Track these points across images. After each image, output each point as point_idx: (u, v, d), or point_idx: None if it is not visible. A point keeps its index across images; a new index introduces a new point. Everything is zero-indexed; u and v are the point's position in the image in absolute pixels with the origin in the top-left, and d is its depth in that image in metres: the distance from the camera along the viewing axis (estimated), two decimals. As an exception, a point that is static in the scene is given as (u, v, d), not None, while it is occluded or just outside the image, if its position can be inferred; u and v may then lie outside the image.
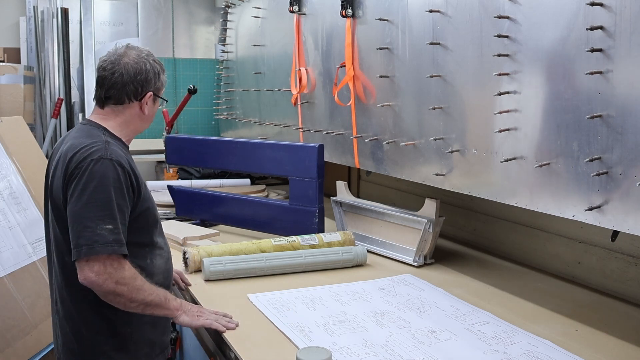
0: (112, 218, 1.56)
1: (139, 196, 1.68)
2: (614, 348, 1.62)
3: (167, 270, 1.81)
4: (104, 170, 1.58)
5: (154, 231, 1.76)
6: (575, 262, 2.13)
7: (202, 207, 2.91)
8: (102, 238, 1.54)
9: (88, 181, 1.57)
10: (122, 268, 1.57)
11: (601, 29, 1.41)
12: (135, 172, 1.69)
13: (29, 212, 2.66)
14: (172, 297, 1.70)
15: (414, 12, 2.10)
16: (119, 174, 1.60)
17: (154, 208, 1.78)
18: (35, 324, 2.51)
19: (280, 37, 3.23)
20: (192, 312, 1.72)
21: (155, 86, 1.78)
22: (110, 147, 1.64)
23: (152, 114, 1.83)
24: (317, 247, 2.32)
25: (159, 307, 1.65)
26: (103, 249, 1.53)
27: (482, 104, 1.83)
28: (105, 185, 1.57)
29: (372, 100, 2.39)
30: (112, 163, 1.60)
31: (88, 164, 1.58)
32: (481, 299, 1.96)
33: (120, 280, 1.56)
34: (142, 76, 1.74)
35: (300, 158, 2.54)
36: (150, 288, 1.63)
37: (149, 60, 1.77)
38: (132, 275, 1.59)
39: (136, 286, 1.59)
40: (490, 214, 2.51)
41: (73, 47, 4.73)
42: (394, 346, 1.59)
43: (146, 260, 1.71)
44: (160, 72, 1.81)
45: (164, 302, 1.65)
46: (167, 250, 1.83)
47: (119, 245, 1.56)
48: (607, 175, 1.43)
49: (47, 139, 4.53)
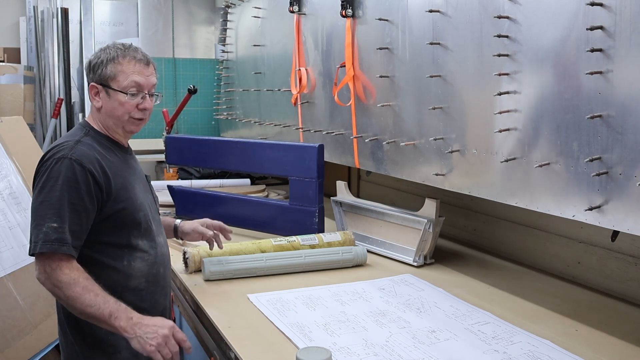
0: (59, 217, 1.56)
1: (109, 196, 1.65)
2: (614, 348, 1.61)
3: (153, 275, 1.75)
4: (61, 170, 1.59)
5: (132, 233, 1.71)
6: (575, 262, 2.13)
7: (202, 207, 2.91)
8: (45, 236, 1.54)
9: (46, 180, 1.59)
10: (60, 270, 1.54)
11: (601, 29, 1.41)
12: (107, 172, 1.65)
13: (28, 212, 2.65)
14: (125, 316, 1.53)
15: (414, 12, 2.10)
16: (77, 174, 1.59)
17: (134, 209, 1.71)
18: (35, 324, 2.51)
19: (280, 37, 3.23)
20: (144, 339, 1.50)
21: (99, 76, 1.69)
22: (77, 146, 1.64)
23: (111, 107, 1.71)
24: (317, 247, 2.32)
25: (102, 323, 1.55)
26: (44, 246, 1.53)
27: (482, 104, 1.83)
28: (59, 184, 1.58)
29: (372, 100, 2.39)
30: (71, 162, 1.60)
31: (50, 163, 1.61)
32: (481, 299, 1.96)
33: (56, 283, 1.54)
34: (88, 67, 1.73)
35: (300, 158, 2.54)
36: (91, 300, 1.52)
37: (104, 49, 1.71)
38: (69, 281, 1.53)
39: (73, 294, 1.53)
40: (490, 214, 2.51)
41: (73, 47, 4.74)
42: (394, 346, 1.59)
43: (123, 262, 1.68)
44: (106, 61, 1.69)
45: (108, 319, 1.52)
46: (154, 254, 1.76)
47: (59, 244, 1.54)
48: (607, 175, 1.43)
49: (47, 139, 4.53)
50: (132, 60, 1.71)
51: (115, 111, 1.71)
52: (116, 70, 1.69)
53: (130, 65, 1.70)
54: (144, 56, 1.75)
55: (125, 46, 1.73)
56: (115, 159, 1.74)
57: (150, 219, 1.78)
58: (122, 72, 1.69)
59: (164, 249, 1.85)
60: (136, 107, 1.72)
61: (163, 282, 1.81)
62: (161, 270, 1.80)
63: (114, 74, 1.69)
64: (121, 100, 1.70)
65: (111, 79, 1.69)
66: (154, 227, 1.80)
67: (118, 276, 1.67)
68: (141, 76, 1.72)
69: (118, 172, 1.70)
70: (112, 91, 1.70)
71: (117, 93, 1.69)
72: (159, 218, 1.90)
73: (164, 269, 1.82)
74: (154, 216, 1.83)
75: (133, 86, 1.70)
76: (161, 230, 1.87)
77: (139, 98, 1.72)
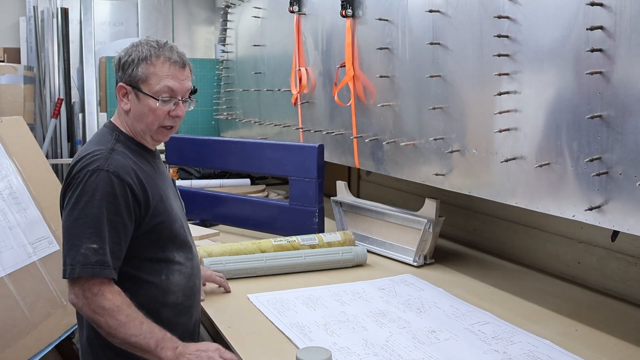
0: (98, 237, 1.42)
1: (147, 210, 1.52)
2: (614, 348, 1.61)
3: (190, 288, 1.64)
4: (98, 184, 1.44)
5: (169, 246, 1.58)
6: (575, 262, 2.13)
7: (202, 207, 2.91)
8: (84, 259, 1.40)
9: (81, 195, 1.44)
10: (102, 296, 1.41)
11: (601, 29, 1.41)
12: (144, 183, 1.52)
13: (29, 212, 2.65)
14: (171, 346, 1.43)
15: (414, 12, 2.10)
16: (115, 188, 1.45)
17: (171, 222, 1.58)
18: (35, 324, 2.50)
19: (280, 37, 3.23)
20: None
21: (129, 76, 1.53)
22: (112, 155, 1.49)
23: (140, 112, 1.55)
24: (317, 247, 2.32)
25: (146, 353, 1.43)
26: (83, 270, 1.40)
27: (482, 104, 1.83)
28: (97, 200, 1.43)
29: (372, 100, 2.39)
30: (108, 175, 1.45)
31: (84, 176, 1.45)
32: (481, 299, 1.96)
33: (97, 310, 1.41)
34: (118, 65, 1.56)
35: (300, 158, 2.54)
36: (136, 329, 1.41)
37: (136, 47, 1.54)
38: (112, 308, 1.41)
39: (115, 322, 1.40)
40: (490, 214, 2.51)
41: (73, 47, 4.74)
42: (394, 346, 1.59)
43: (161, 277, 1.56)
44: (138, 60, 1.52)
45: (154, 349, 1.41)
46: (191, 266, 1.65)
47: (101, 268, 1.41)
48: (607, 175, 1.43)
49: (47, 139, 4.53)
50: (167, 61, 1.53)
51: (145, 117, 1.56)
52: (148, 72, 1.52)
53: (164, 68, 1.53)
54: (179, 57, 1.56)
55: (160, 44, 1.55)
56: (148, 167, 1.59)
57: (185, 229, 1.67)
58: (154, 75, 1.52)
59: (197, 259, 1.73)
60: (167, 114, 1.56)
61: (198, 294, 1.71)
62: (197, 283, 1.70)
63: (146, 76, 1.52)
64: (152, 106, 1.54)
65: (142, 82, 1.52)
66: (188, 237, 1.68)
67: (156, 292, 1.55)
68: (175, 81, 1.54)
69: (153, 183, 1.56)
70: (143, 95, 1.53)
71: (148, 98, 1.53)
72: (188, 226, 1.75)
73: (198, 281, 1.72)
74: (186, 225, 1.72)
75: (166, 92, 1.54)
76: (193, 240, 1.74)
77: (171, 104, 1.56)
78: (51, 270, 2.57)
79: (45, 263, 2.62)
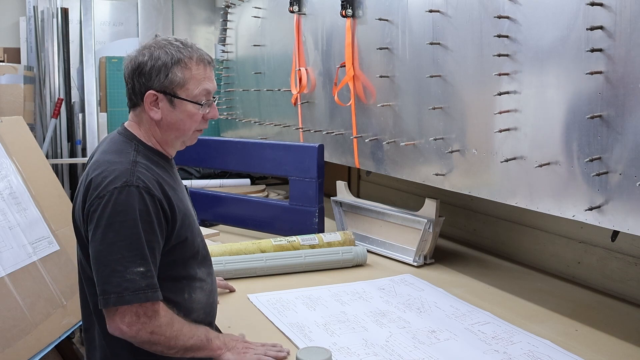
0: (143, 259, 1.34)
1: (174, 226, 1.44)
2: (614, 348, 1.61)
3: (210, 304, 1.58)
4: (130, 201, 1.34)
5: (191, 263, 1.51)
6: (575, 262, 2.13)
7: (202, 207, 2.90)
8: (132, 284, 1.32)
9: (113, 215, 1.33)
10: (157, 315, 1.37)
11: (601, 29, 1.41)
12: (170, 197, 1.43)
13: (29, 212, 2.65)
14: (214, 335, 1.48)
15: (414, 12, 2.10)
16: (148, 204, 1.36)
17: (193, 237, 1.51)
18: (35, 324, 2.50)
19: (280, 37, 3.23)
20: (237, 349, 1.48)
21: (160, 83, 1.42)
22: (137, 169, 1.39)
23: (176, 120, 1.45)
24: (317, 247, 2.32)
25: (200, 350, 1.44)
26: (135, 297, 1.33)
27: (482, 104, 1.83)
28: (132, 219, 1.34)
29: (372, 100, 2.39)
30: (138, 191, 1.35)
31: (111, 194, 1.34)
32: (481, 299, 1.96)
33: (155, 330, 1.36)
34: (140, 70, 1.43)
35: (300, 158, 2.54)
36: (189, 331, 1.42)
37: (160, 49, 1.42)
38: (168, 322, 1.39)
39: (174, 332, 1.39)
40: (490, 214, 2.51)
41: (73, 47, 4.73)
42: (394, 346, 1.59)
43: (183, 295, 1.49)
44: (171, 63, 1.41)
45: (206, 343, 1.44)
46: (211, 281, 1.59)
47: (152, 292, 1.35)
48: (607, 175, 1.43)
49: (47, 139, 4.53)
50: (201, 63, 1.45)
51: (182, 124, 1.46)
52: (185, 77, 1.43)
53: (200, 70, 1.44)
54: (209, 56, 1.49)
55: (185, 43, 1.45)
56: (169, 178, 1.50)
57: (204, 242, 1.60)
58: (192, 79, 1.43)
59: (214, 274, 1.67)
60: (202, 117, 1.49)
61: (216, 309, 1.65)
62: (216, 298, 1.64)
63: (183, 80, 1.42)
64: (191, 112, 1.45)
65: (179, 87, 1.42)
66: (207, 251, 1.61)
67: (179, 312, 1.46)
68: (211, 82, 1.48)
69: (177, 196, 1.47)
70: (179, 100, 1.43)
71: (186, 103, 1.44)
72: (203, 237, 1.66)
73: (217, 296, 1.67)
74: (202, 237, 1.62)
75: (205, 95, 1.46)
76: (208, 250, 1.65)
77: (207, 107, 1.49)
78: (51, 270, 2.57)
79: (45, 263, 2.62)
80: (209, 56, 1.50)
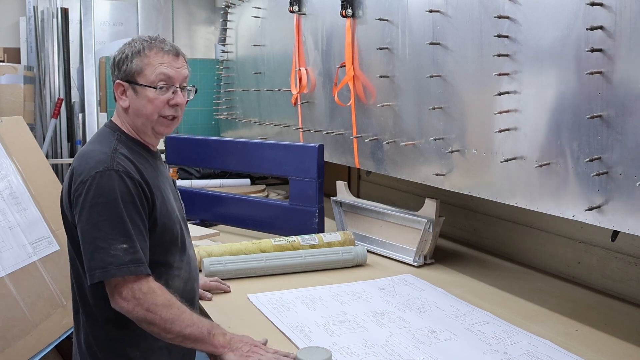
0: (126, 236, 1.41)
1: (153, 211, 1.51)
2: (614, 348, 1.61)
3: (187, 291, 1.61)
4: (112, 184, 1.43)
5: (171, 249, 1.57)
6: (575, 262, 2.13)
7: (202, 207, 2.91)
8: (116, 259, 1.39)
9: (95, 197, 1.42)
10: (153, 292, 1.41)
11: (601, 29, 1.41)
12: (149, 183, 1.51)
13: (29, 212, 2.65)
14: (220, 332, 1.47)
15: (414, 12, 2.10)
16: (129, 186, 1.44)
17: (172, 224, 1.57)
18: (35, 324, 2.50)
19: (280, 37, 3.23)
20: (241, 351, 1.46)
21: (124, 72, 1.54)
22: (117, 155, 1.48)
23: (139, 106, 1.54)
24: (317, 247, 2.32)
25: (199, 342, 1.44)
26: (119, 271, 1.39)
27: (482, 104, 1.83)
28: (114, 200, 1.42)
29: (372, 100, 2.39)
30: (118, 174, 1.44)
31: (93, 178, 1.43)
32: (481, 299, 1.96)
33: (151, 308, 1.40)
34: (113, 64, 1.57)
35: (300, 158, 2.54)
36: (189, 319, 1.44)
37: (128, 45, 1.55)
38: (165, 303, 1.42)
39: (171, 315, 1.41)
40: (490, 214, 2.51)
41: (73, 47, 4.74)
42: (394, 346, 1.59)
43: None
44: (132, 54, 1.53)
45: (207, 337, 1.44)
46: (188, 270, 1.63)
47: (136, 266, 1.40)
48: (607, 175, 1.43)
49: (47, 139, 4.53)
50: (160, 51, 1.54)
51: (144, 109, 1.54)
52: (142, 64, 1.52)
53: (157, 57, 1.53)
54: (172, 47, 1.58)
55: (152, 38, 1.56)
56: (149, 168, 1.58)
57: (185, 231, 1.66)
58: (149, 65, 1.52)
59: (195, 262, 1.71)
60: (166, 103, 1.55)
61: (196, 297, 1.69)
62: (195, 286, 1.68)
63: (141, 67, 1.52)
64: (150, 96, 1.53)
65: (138, 74, 1.53)
66: (186, 239, 1.67)
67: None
68: (171, 68, 1.54)
69: (155, 183, 1.55)
70: (140, 87, 1.53)
71: (145, 88, 1.53)
72: (187, 227, 1.73)
73: (197, 284, 1.71)
74: (186, 228, 1.70)
75: (162, 79, 1.54)
76: (191, 242, 1.72)
77: (169, 93, 1.55)
78: (51, 270, 2.57)
79: (45, 263, 2.62)
80: (174, 47, 1.59)
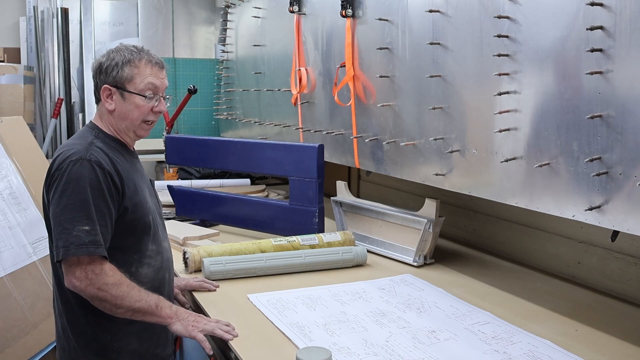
0: (89, 219, 1.54)
1: (123, 197, 1.64)
2: (614, 348, 1.61)
3: (159, 280, 1.75)
4: (82, 172, 1.57)
5: (142, 238, 1.71)
6: (575, 262, 2.13)
7: (202, 207, 2.91)
8: (77, 240, 1.52)
9: (66, 183, 1.56)
10: (104, 274, 1.55)
11: (601, 29, 1.41)
12: (120, 174, 1.65)
13: (29, 212, 2.66)
14: (166, 305, 1.65)
15: (414, 12, 2.10)
16: (99, 175, 1.58)
17: (144, 213, 1.71)
18: (35, 324, 2.51)
19: (280, 37, 3.23)
20: (187, 321, 1.65)
21: (113, 78, 1.67)
22: (93, 147, 1.63)
23: (126, 110, 1.70)
24: (317, 247, 2.32)
25: (148, 315, 1.61)
26: (78, 250, 1.52)
27: (482, 104, 1.83)
28: (82, 186, 1.56)
29: (372, 100, 2.39)
30: (90, 164, 1.58)
31: (67, 166, 1.57)
32: (481, 299, 1.96)
33: (102, 287, 1.54)
34: (100, 69, 1.70)
35: (300, 158, 2.54)
36: (138, 295, 1.59)
37: (117, 52, 1.69)
38: (115, 282, 1.56)
39: (121, 292, 1.56)
40: (490, 214, 2.51)
41: (73, 47, 4.74)
42: (394, 346, 1.59)
43: (131, 269, 1.67)
44: (122, 63, 1.67)
45: (155, 309, 1.61)
46: (160, 260, 1.77)
47: (94, 247, 1.53)
48: (607, 175, 1.43)
49: (47, 139, 4.53)
50: (149, 63, 1.70)
51: (130, 114, 1.70)
52: (133, 73, 1.68)
53: (147, 68, 1.69)
54: (158, 59, 1.75)
55: (139, 48, 1.72)
56: (124, 162, 1.71)
57: (157, 224, 1.79)
58: (139, 75, 1.68)
59: (169, 254, 1.84)
60: (151, 110, 1.72)
61: (168, 287, 1.81)
62: (167, 276, 1.80)
63: (131, 76, 1.67)
64: (138, 103, 1.69)
65: (127, 81, 1.68)
66: (160, 232, 1.80)
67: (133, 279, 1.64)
68: (157, 78, 1.71)
69: (128, 175, 1.69)
70: (128, 94, 1.68)
71: (134, 95, 1.68)
72: (163, 223, 1.88)
73: (169, 275, 1.82)
74: (159, 220, 1.83)
75: (150, 88, 1.70)
76: (166, 235, 1.86)
77: (154, 101, 1.72)
78: (51, 270, 2.57)
79: (45, 263, 2.62)
80: (159, 60, 1.75)
